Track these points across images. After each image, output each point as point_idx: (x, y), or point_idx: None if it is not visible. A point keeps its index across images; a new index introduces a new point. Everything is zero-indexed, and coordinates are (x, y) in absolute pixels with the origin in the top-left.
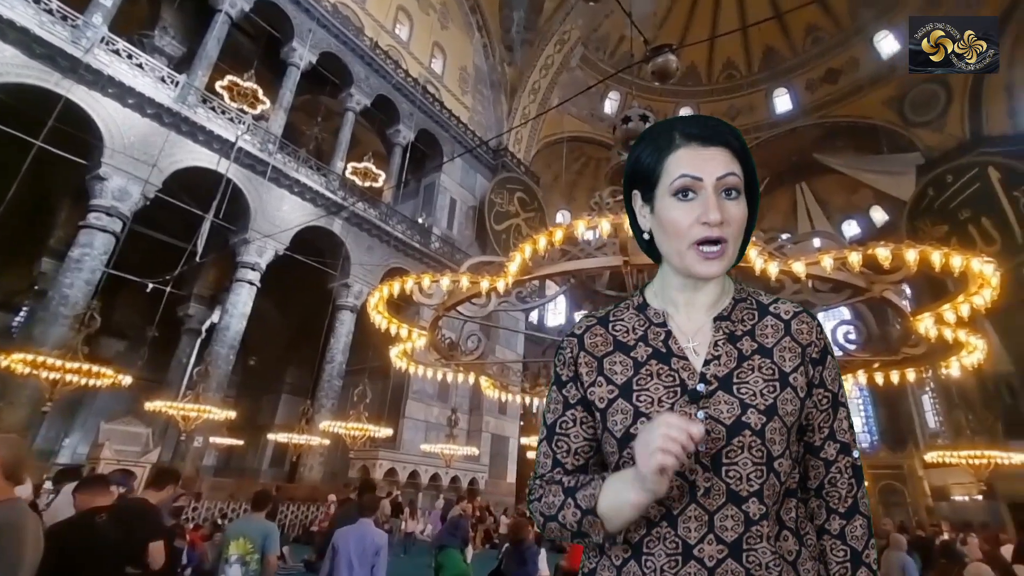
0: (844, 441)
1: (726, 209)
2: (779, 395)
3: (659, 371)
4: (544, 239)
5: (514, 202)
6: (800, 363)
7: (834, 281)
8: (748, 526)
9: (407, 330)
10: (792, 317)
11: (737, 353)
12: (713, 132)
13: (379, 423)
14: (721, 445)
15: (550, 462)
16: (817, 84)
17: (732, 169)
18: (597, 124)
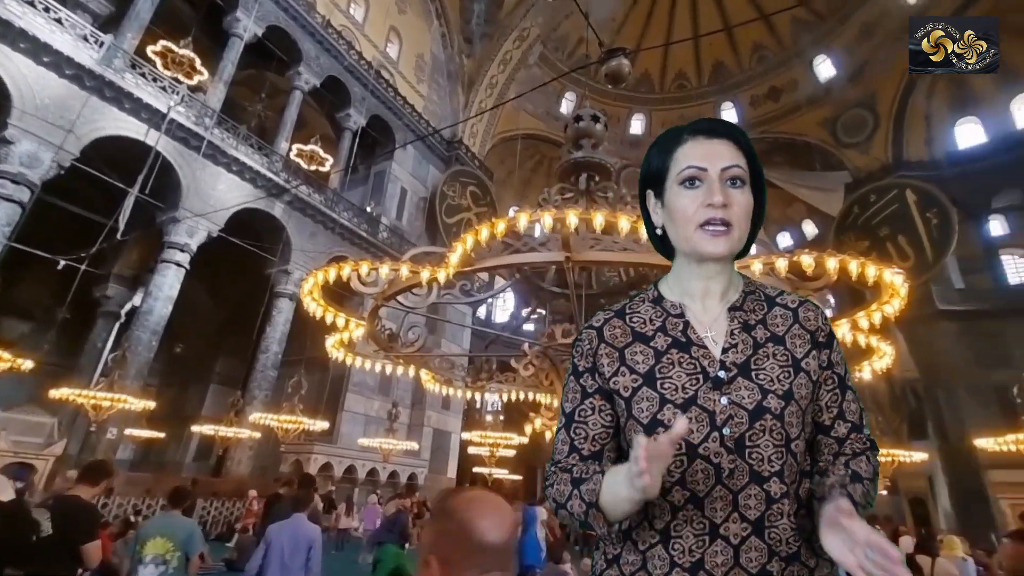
0: (853, 421)
1: (730, 195)
2: (794, 380)
3: (680, 359)
4: (486, 230)
5: (466, 196)
6: (811, 348)
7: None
8: (769, 504)
9: (344, 319)
10: (799, 306)
11: (752, 341)
12: (719, 126)
13: (315, 416)
14: (744, 429)
15: (567, 448)
16: (761, 100)
17: (737, 161)
18: (553, 123)
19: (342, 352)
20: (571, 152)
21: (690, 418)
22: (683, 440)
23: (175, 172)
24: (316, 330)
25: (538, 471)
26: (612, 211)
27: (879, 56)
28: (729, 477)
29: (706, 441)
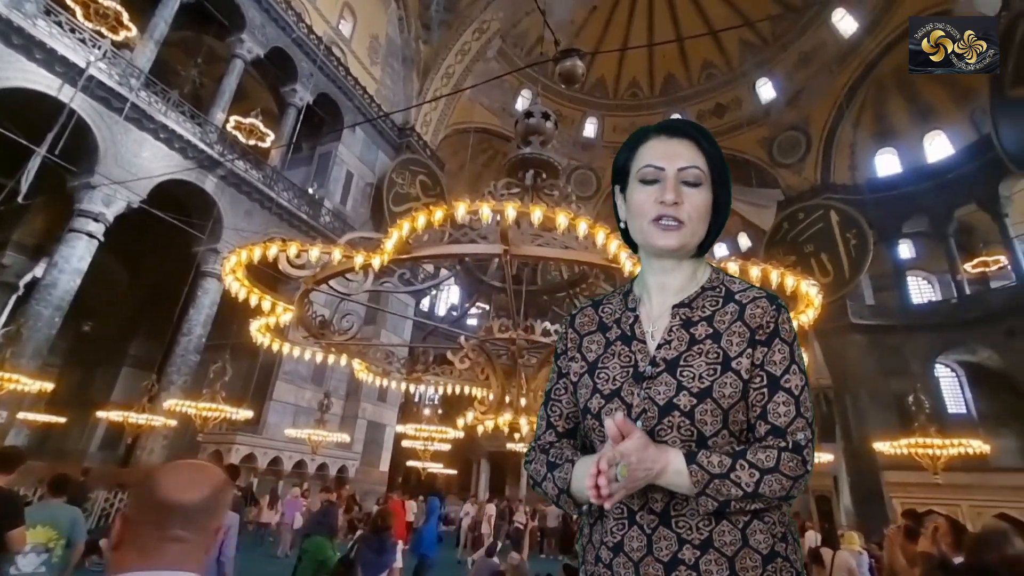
0: (775, 424)
1: (684, 194)
2: (718, 378)
3: (620, 352)
4: (423, 218)
5: (416, 185)
6: (747, 346)
7: None
8: (672, 495)
9: (271, 302)
10: (749, 302)
11: (688, 338)
12: (682, 126)
13: (241, 404)
14: (653, 424)
15: (544, 424)
16: (706, 115)
17: (695, 163)
18: (508, 119)
19: (268, 338)
20: (520, 148)
21: (612, 409)
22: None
23: (92, 134)
24: (245, 314)
25: (473, 466)
26: (553, 208)
27: (814, 84)
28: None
29: None
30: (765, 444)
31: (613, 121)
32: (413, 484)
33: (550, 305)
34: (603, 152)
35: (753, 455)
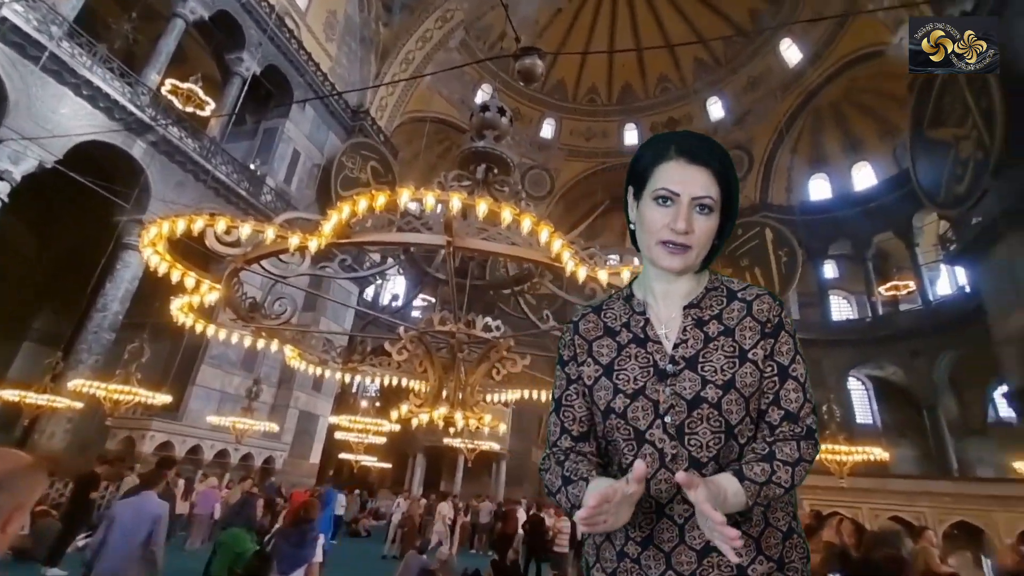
0: (788, 410)
1: (695, 222)
2: (738, 370)
3: (637, 354)
4: (365, 202)
5: (367, 170)
6: (760, 338)
7: None
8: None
9: (195, 280)
10: (755, 298)
11: (703, 336)
12: (701, 151)
13: (159, 389)
14: (683, 417)
15: (558, 430)
16: (659, 127)
17: (709, 192)
18: (466, 112)
19: (192, 318)
20: (474, 140)
21: (637, 407)
22: (631, 426)
23: (2, 83)
24: (169, 292)
25: (409, 460)
26: (500, 202)
27: (759, 108)
28: (672, 461)
29: (651, 428)
30: (783, 433)
31: (571, 124)
32: (345, 477)
33: (496, 301)
34: (558, 154)
35: (780, 451)
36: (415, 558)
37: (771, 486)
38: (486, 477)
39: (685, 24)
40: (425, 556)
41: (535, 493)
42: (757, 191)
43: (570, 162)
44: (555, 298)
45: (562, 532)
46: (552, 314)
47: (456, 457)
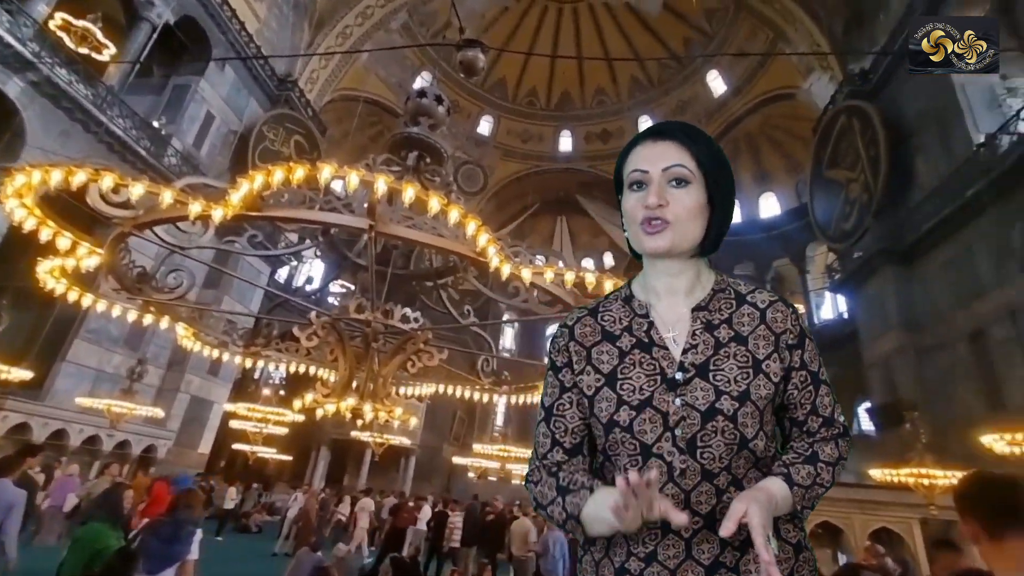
0: (826, 415)
1: (670, 195)
2: (752, 381)
3: (641, 360)
4: (281, 173)
5: (290, 144)
6: (774, 350)
7: (551, 295)
8: (719, 496)
9: (70, 240)
10: (768, 306)
11: (714, 341)
12: (666, 128)
13: (19, 363)
14: (696, 430)
15: (549, 442)
16: (593, 138)
17: (679, 160)
18: (403, 96)
19: (64, 284)
20: (407, 126)
21: (643, 419)
22: (638, 440)
23: None
24: (38, 253)
25: (312, 453)
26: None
27: None
28: (681, 476)
29: (659, 441)
30: (822, 436)
31: (508, 124)
32: (239, 469)
33: (418, 293)
34: (494, 152)
35: (823, 451)
36: (308, 556)
37: (815, 488)
38: (394, 472)
39: (625, 43)
40: (320, 553)
41: (443, 489)
42: None
43: (505, 161)
44: (478, 295)
45: (456, 528)
46: (474, 310)
47: (363, 451)
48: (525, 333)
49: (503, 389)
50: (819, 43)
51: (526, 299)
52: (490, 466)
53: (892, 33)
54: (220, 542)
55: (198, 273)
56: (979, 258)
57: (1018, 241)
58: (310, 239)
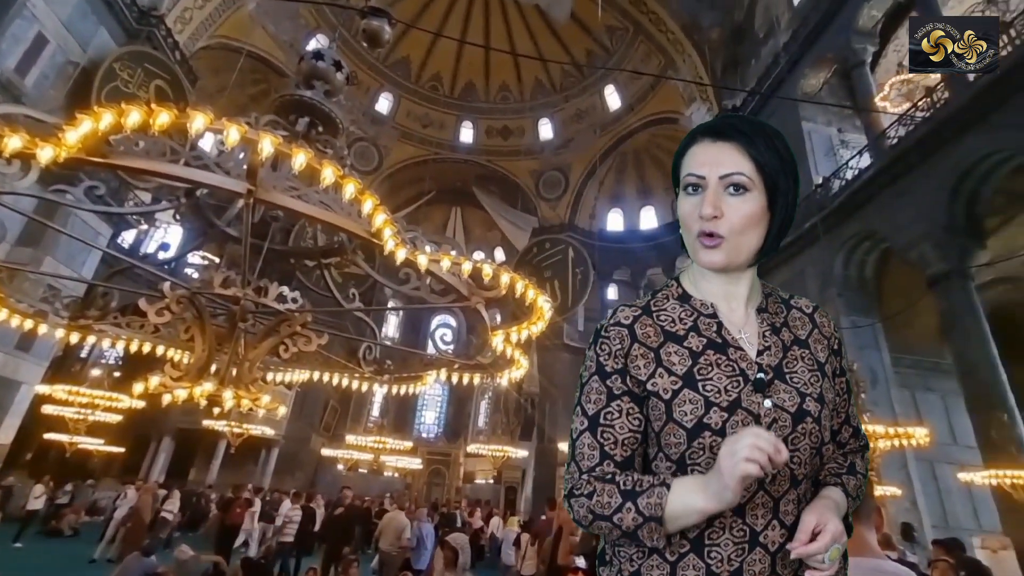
0: (855, 426)
1: (726, 205)
2: (822, 384)
3: (718, 361)
4: (138, 114)
5: (149, 89)
6: (829, 354)
7: (446, 284)
8: (798, 505)
9: None
10: (813, 311)
11: (782, 344)
12: (725, 127)
13: None
14: (788, 432)
15: (598, 454)
16: (494, 133)
17: (738, 168)
18: (294, 57)
19: None
20: (298, 86)
21: (736, 421)
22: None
23: None
24: None
25: (152, 444)
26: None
27: (581, 138)
28: (771, 483)
29: None
30: (851, 447)
31: (409, 105)
32: (53, 462)
33: (296, 272)
34: (392, 132)
35: (858, 464)
36: (137, 561)
37: (857, 500)
38: (251, 465)
39: (532, 45)
40: (154, 557)
41: (308, 483)
42: (567, 212)
43: (403, 144)
44: (363, 278)
45: (292, 521)
46: (359, 294)
47: (216, 442)
48: (409, 321)
49: (385, 378)
50: (702, 76)
51: (418, 287)
52: (363, 458)
53: (759, 79)
54: (18, 549)
55: (9, 223)
56: (809, 281)
57: (839, 269)
58: (168, 200)
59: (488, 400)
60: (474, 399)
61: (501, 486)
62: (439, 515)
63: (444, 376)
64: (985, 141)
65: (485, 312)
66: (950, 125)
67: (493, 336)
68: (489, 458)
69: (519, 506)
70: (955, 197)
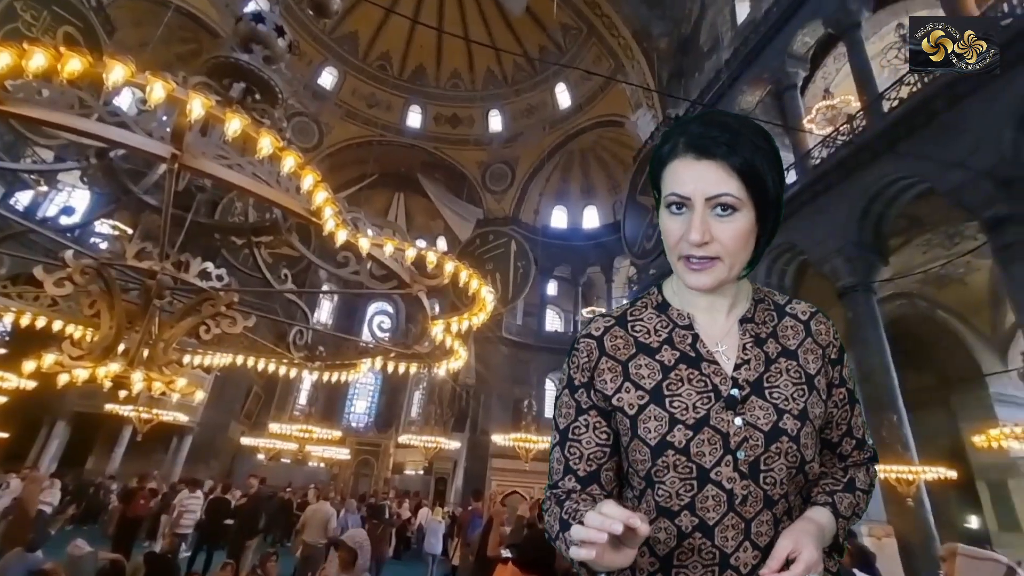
0: (859, 437)
1: (714, 228)
2: (808, 399)
3: (689, 376)
4: (43, 56)
5: (57, 35)
6: (822, 365)
7: (388, 269)
8: (776, 527)
9: None
10: (810, 318)
11: (764, 356)
12: (708, 142)
13: None
14: (759, 452)
15: (562, 469)
16: (443, 120)
17: (725, 188)
18: (229, 19)
19: None
20: (233, 49)
21: (702, 440)
22: (694, 463)
23: None
24: None
25: (44, 429)
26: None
27: (530, 134)
28: (742, 504)
29: (719, 465)
30: (854, 460)
31: (355, 83)
32: None
33: (222, 249)
34: (335, 110)
35: (859, 480)
36: (20, 557)
37: (854, 518)
38: (160, 454)
39: (486, 34)
40: (39, 553)
41: (224, 473)
42: (512, 206)
43: (346, 123)
44: (297, 259)
45: (189, 511)
46: (292, 276)
47: (120, 428)
48: (345, 307)
49: (316, 365)
50: (649, 83)
51: (357, 271)
52: (287, 448)
53: (702, 91)
54: None
55: None
56: None
57: (762, 277)
58: (75, 159)
59: (423, 390)
60: (408, 389)
61: (432, 477)
62: (367, 506)
63: (379, 364)
64: (894, 168)
65: (426, 301)
66: (866, 151)
67: (433, 325)
68: (421, 449)
69: (449, 497)
70: (865, 217)
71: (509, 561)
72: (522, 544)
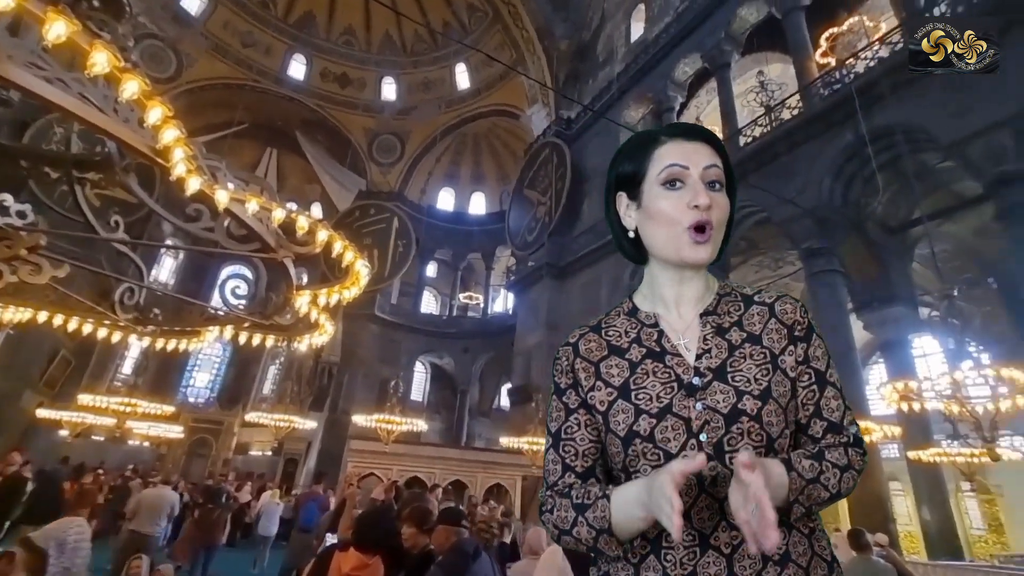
0: (832, 420)
1: (712, 197)
2: (772, 377)
3: (655, 369)
4: None
5: None
6: (788, 343)
7: (249, 230)
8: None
9: None
10: (775, 300)
11: (727, 344)
12: (696, 130)
13: None
14: (721, 433)
15: (560, 468)
16: (330, 77)
17: (715, 161)
18: None
19: None
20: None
21: (665, 427)
22: (661, 449)
23: None
24: None
25: None
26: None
27: (424, 109)
28: (712, 485)
29: (684, 450)
30: (827, 442)
31: (227, 15)
32: None
33: (31, 180)
34: (201, 40)
35: (830, 454)
36: None
37: (817, 486)
38: None
39: None
40: None
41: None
42: (398, 181)
43: (213, 58)
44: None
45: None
46: (127, 225)
47: None
48: (191, 266)
49: (149, 330)
50: (547, 80)
51: (212, 227)
52: (101, 423)
53: (594, 98)
54: None
55: None
56: (603, 286)
57: (626, 280)
58: None
59: (279, 365)
60: (262, 363)
61: (281, 458)
62: (201, 488)
63: (229, 334)
64: (741, 196)
65: (293, 269)
66: None
67: (298, 296)
68: (271, 428)
69: (299, 479)
70: None
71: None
72: (357, 526)
